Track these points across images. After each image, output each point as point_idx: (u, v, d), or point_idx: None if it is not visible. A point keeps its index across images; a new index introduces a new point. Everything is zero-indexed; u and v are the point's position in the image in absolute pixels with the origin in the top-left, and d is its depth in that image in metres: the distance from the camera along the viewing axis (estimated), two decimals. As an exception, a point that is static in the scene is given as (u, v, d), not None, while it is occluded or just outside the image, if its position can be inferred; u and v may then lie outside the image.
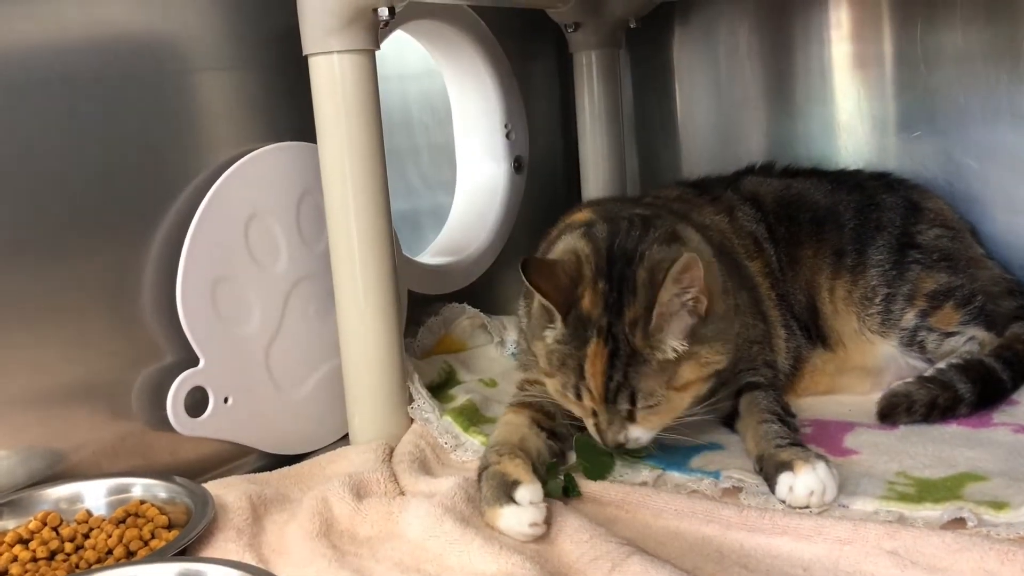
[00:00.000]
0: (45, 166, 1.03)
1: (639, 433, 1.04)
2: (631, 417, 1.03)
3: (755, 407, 1.10)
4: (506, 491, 0.95)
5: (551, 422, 1.11)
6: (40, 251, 1.03)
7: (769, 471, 0.99)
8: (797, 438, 1.05)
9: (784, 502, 0.96)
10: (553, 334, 1.05)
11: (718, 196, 1.39)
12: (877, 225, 1.34)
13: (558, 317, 1.03)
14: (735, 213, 1.36)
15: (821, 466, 0.96)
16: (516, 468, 0.98)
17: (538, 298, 1.05)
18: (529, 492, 0.94)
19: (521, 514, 0.93)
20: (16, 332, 1.01)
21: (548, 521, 0.94)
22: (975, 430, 1.12)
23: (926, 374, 1.20)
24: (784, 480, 0.96)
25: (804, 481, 0.95)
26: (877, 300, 1.29)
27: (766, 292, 1.30)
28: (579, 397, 1.03)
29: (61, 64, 1.04)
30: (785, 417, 1.09)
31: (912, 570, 0.83)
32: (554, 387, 1.07)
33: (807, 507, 0.94)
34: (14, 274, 1.01)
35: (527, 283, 1.04)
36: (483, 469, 1.00)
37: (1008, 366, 1.20)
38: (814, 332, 1.31)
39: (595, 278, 1.04)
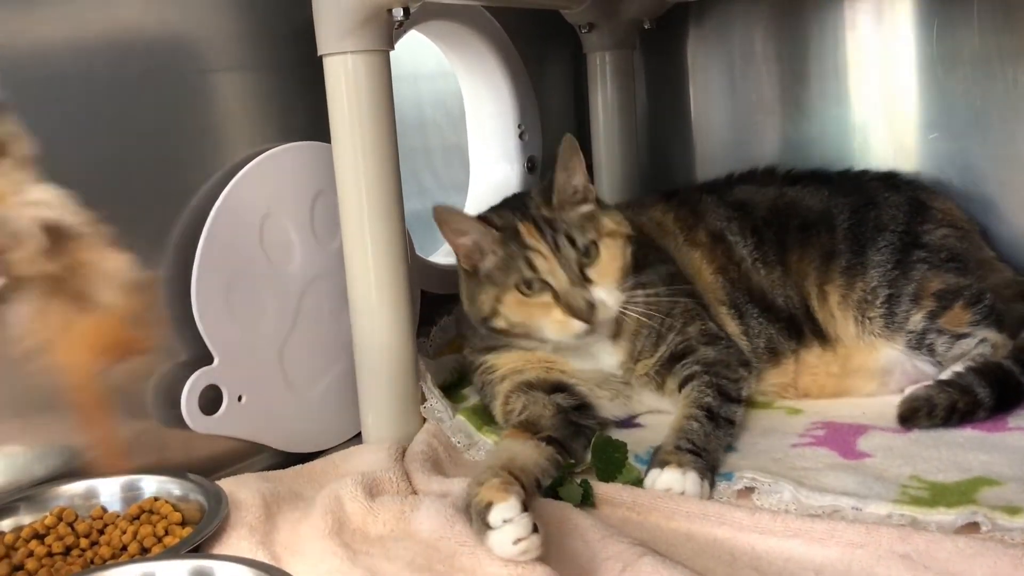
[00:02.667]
0: (60, 165, 1.04)
1: (603, 294, 1.13)
2: (585, 276, 1.13)
3: (688, 400, 1.15)
4: (482, 518, 0.88)
5: (550, 431, 1.11)
6: (57, 249, 1.04)
7: (653, 461, 1.06)
8: (708, 442, 1.07)
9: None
10: (487, 263, 1.18)
11: (685, 201, 1.40)
12: (877, 225, 1.32)
13: (490, 240, 1.16)
14: (699, 210, 1.38)
15: (692, 475, 1.01)
16: (490, 491, 0.89)
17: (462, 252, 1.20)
18: (501, 511, 0.86)
19: (500, 537, 0.85)
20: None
21: (539, 526, 0.85)
22: (990, 434, 1.11)
23: (944, 377, 1.19)
24: (652, 474, 1.04)
25: (664, 478, 1.02)
26: (878, 302, 1.27)
27: (708, 276, 1.32)
28: (533, 269, 1.13)
29: (78, 63, 1.05)
30: (717, 409, 1.12)
31: (925, 574, 0.82)
32: (510, 303, 1.15)
33: None
34: (31, 272, 1.02)
35: (450, 222, 1.17)
36: (468, 507, 0.93)
37: None
38: (808, 328, 1.30)
39: (497, 210, 1.24)
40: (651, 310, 1.17)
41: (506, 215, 1.21)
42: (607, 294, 1.13)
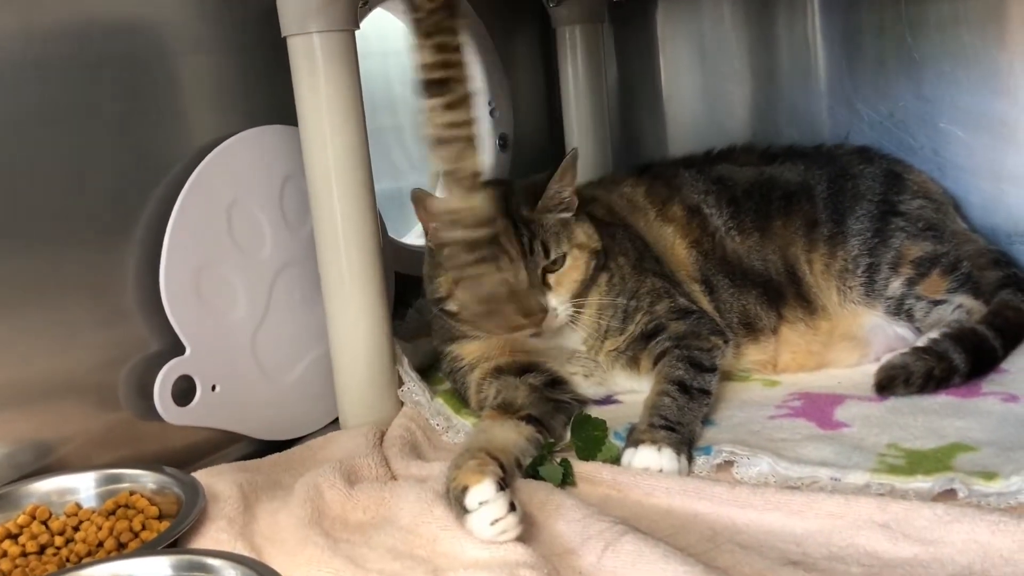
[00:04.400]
0: (21, 155, 1.02)
1: (556, 302, 1.15)
2: (546, 282, 1.15)
3: (659, 376, 1.15)
4: (459, 501, 0.89)
5: (528, 409, 1.11)
6: (20, 242, 1.02)
7: (628, 440, 1.06)
8: (683, 415, 1.07)
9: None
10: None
11: (660, 175, 1.39)
12: (855, 194, 1.34)
13: None
14: (675, 183, 1.37)
15: (667, 451, 1.02)
16: (466, 474, 0.91)
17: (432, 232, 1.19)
18: (476, 494, 0.88)
19: (478, 519, 0.87)
20: (0, 324, 1.00)
21: (516, 505, 0.88)
22: (965, 400, 1.12)
23: (920, 344, 1.20)
24: (628, 453, 1.04)
25: (640, 456, 1.02)
26: (859, 271, 1.29)
27: (681, 250, 1.32)
28: (498, 267, 1.10)
29: (35, 49, 1.02)
30: (689, 381, 1.12)
31: (904, 543, 0.83)
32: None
33: None
34: (-6, 266, 1.00)
35: (426, 203, 1.16)
36: (447, 491, 0.93)
37: (999, 333, 1.20)
38: (791, 293, 1.30)
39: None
40: (599, 319, 1.21)
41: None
42: (559, 303, 1.16)
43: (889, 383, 1.15)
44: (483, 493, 0.87)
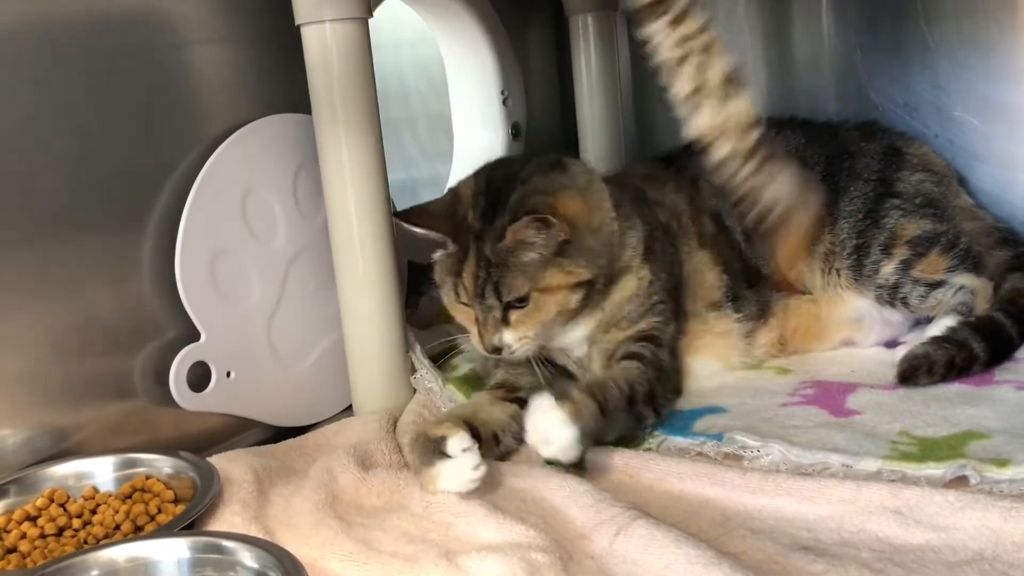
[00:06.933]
0: (39, 144, 1.02)
1: (511, 339, 1.08)
2: (506, 320, 1.08)
3: (619, 368, 1.09)
4: (433, 449, 0.95)
5: (528, 392, 1.09)
6: (38, 230, 1.03)
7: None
8: (616, 414, 1.03)
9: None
10: (446, 250, 1.12)
11: (683, 168, 1.34)
12: (851, 174, 1.31)
13: (449, 240, 1.11)
14: (699, 185, 1.31)
15: (568, 423, 0.98)
16: (440, 428, 0.97)
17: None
18: (459, 441, 0.94)
19: (457, 467, 0.93)
20: (18, 311, 1.01)
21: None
22: (977, 388, 1.12)
23: (939, 334, 1.18)
24: (541, 404, 1.00)
25: (537, 404, 1.00)
26: (846, 254, 1.26)
27: (713, 279, 1.25)
28: (459, 296, 1.10)
29: (52, 38, 1.03)
30: (639, 398, 1.06)
31: (915, 528, 0.83)
32: (447, 298, 1.13)
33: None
34: (13, 253, 1.01)
35: (410, 228, 1.10)
36: (417, 442, 0.99)
37: (1015, 321, 1.19)
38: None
39: (475, 196, 1.12)
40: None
41: (478, 203, 1.10)
42: (517, 340, 1.08)
43: (912, 373, 1.14)
44: (465, 441, 0.94)
